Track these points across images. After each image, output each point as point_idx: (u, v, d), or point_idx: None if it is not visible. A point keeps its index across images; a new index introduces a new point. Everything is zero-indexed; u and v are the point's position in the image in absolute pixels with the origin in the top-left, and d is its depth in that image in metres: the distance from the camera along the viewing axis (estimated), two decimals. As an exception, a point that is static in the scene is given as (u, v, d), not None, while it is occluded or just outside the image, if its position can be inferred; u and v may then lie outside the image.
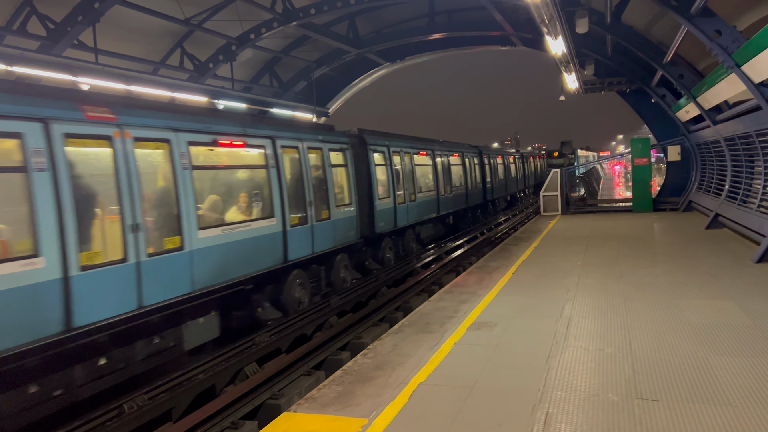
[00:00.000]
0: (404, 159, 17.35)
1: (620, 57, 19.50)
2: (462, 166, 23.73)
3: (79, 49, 15.37)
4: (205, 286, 8.55)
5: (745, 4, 10.92)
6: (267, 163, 10.28)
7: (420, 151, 18.98)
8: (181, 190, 8.25)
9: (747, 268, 10.27)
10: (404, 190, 17.18)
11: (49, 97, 6.76)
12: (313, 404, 5.43)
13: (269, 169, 10.31)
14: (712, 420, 4.61)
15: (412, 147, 18.38)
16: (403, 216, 17.03)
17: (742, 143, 13.51)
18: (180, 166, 8.29)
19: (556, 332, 7.08)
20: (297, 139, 11.48)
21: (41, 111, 6.42)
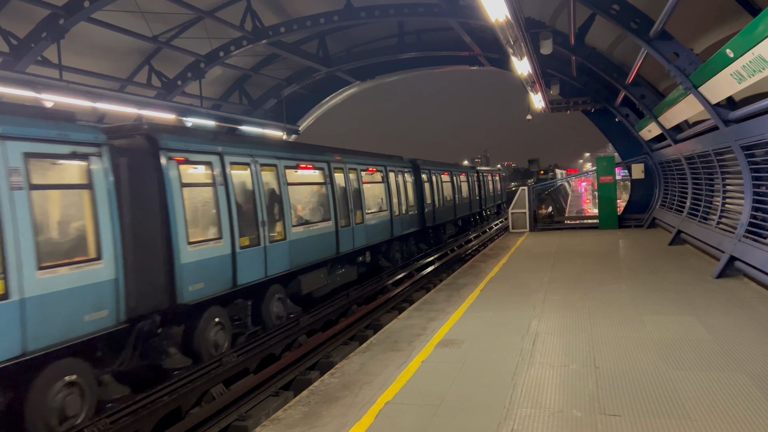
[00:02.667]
0: (259, 175, 11.51)
1: (585, 77, 19.98)
2: (385, 184, 18.58)
3: (43, 66, 15.15)
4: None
5: (701, 28, 11.30)
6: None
7: (300, 164, 13.36)
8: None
9: (707, 283, 10.52)
10: (262, 223, 11.35)
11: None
12: (278, 425, 5.37)
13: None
14: (672, 434, 4.70)
15: (276, 156, 12.36)
16: (252, 267, 10.93)
17: (701, 162, 13.91)
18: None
19: (522, 349, 7.14)
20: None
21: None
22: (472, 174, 33.37)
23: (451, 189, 27.24)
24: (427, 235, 23.68)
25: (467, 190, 31.22)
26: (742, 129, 9.72)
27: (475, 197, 33.43)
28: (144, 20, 16.06)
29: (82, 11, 14.05)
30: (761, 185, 10.31)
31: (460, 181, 29.36)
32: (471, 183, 32.12)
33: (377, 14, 17.40)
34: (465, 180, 30.99)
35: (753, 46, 7.09)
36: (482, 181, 35.38)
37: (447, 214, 26.05)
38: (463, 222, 30.98)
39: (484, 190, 35.47)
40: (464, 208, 30.13)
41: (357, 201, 16.08)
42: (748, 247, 10.16)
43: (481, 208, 35.22)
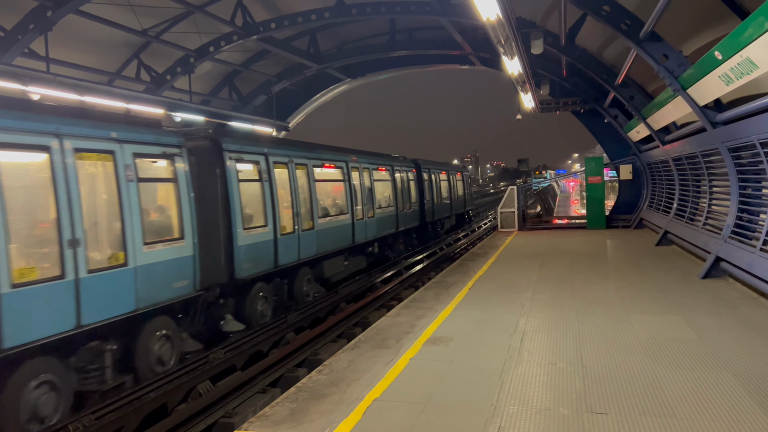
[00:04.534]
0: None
1: (574, 78, 20.06)
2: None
3: (30, 58, 14.97)
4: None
5: (690, 31, 11.38)
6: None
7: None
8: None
9: (693, 283, 10.61)
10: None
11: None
12: (265, 422, 5.34)
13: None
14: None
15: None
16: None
17: (689, 163, 14.02)
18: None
19: (510, 347, 7.16)
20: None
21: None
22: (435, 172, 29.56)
23: (447, 187, 28.61)
24: (427, 230, 25.14)
25: (461, 189, 32.31)
26: (729, 131, 9.81)
27: (467, 196, 34.07)
28: (133, 14, 15.91)
29: (70, 3, 13.91)
30: (747, 187, 10.41)
31: (455, 180, 30.57)
32: (453, 182, 30.55)
33: (369, 11, 17.37)
34: (460, 179, 32.10)
35: (741, 48, 7.15)
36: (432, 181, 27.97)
37: (444, 210, 27.65)
38: (457, 218, 31.85)
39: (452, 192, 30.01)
40: (459, 205, 31.39)
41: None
42: (733, 248, 10.25)
43: (466, 208, 33.98)
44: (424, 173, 24.39)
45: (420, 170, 24.12)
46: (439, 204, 26.62)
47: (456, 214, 30.87)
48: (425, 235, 24.94)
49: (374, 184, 18.61)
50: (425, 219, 23.96)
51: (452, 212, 29.54)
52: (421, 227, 24.17)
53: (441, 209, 26.91)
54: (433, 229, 26.24)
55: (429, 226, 25.32)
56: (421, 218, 23.61)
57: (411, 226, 22.30)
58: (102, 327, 7.88)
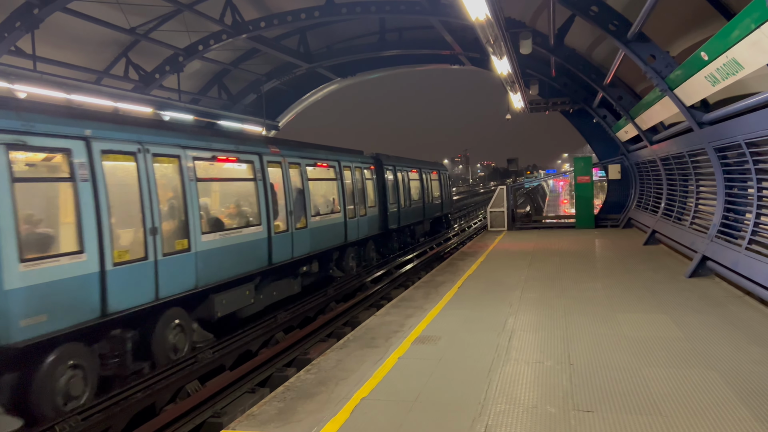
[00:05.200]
0: None
1: (563, 78, 20.16)
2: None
3: (17, 56, 14.84)
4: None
5: (677, 31, 11.47)
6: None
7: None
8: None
9: (680, 282, 10.70)
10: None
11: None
12: (252, 421, 5.33)
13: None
14: (643, 430, 4.77)
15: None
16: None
17: (676, 163, 14.13)
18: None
19: (498, 345, 7.19)
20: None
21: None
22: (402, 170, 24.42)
23: (419, 188, 24.92)
24: (390, 240, 21.27)
25: (438, 189, 28.58)
26: (715, 131, 9.90)
27: (445, 198, 29.82)
28: (121, 12, 15.80)
29: (57, 1, 13.80)
30: (733, 187, 10.51)
31: (429, 180, 26.91)
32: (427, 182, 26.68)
33: (358, 11, 17.37)
34: (436, 178, 28.35)
35: (727, 49, 7.22)
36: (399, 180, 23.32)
37: (414, 215, 23.73)
38: (433, 224, 28.45)
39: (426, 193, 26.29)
40: (434, 208, 27.53)
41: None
42: (719, 247, 10.35)
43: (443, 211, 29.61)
44: (387, 171, 20.61)
45: (382, 167, 20.25)
46: (408, 208, 22.82)
47: (431, 218, 27.37)
48: (389, 246, 21.12)
49: (309, 184, 14.31)
50: (388, 226, 20.17)
51: (426, 216, 25.79)
52: (383, 236, 20.44)
53: (411, 214, 23.13)
54: (399, 237, 22.44)
55: (394, 234, 21.56)
56: (383, 225, 19.84)
57: (368, 235, 18.35)
58: None
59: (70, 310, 7.40)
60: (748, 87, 9.15)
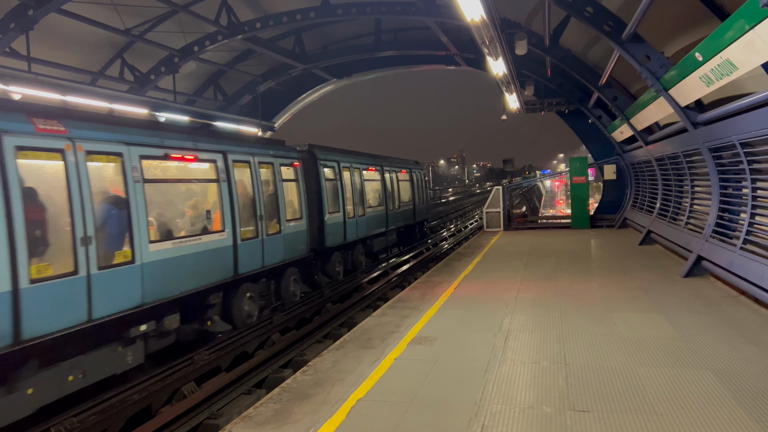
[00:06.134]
0: None
1: (559, 78, 20.21)
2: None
3: (11, 57, 14.79)
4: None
5: (672, 32, 11.51)
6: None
7: None
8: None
9: (675, 282, 10.74)
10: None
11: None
12: (249, 423, 5.33)
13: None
14: (638, 429, 4.78)
15: None
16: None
17: (671, 163, 14.18)
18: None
19: (494, 346, 7.20)
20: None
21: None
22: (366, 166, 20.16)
23: (381, 191, 20.64)
24: (330, 262, 16.26)
25: (409, 193, 24.18)
26: (710, 131, 9.94)
27: (419, 203, 25.27)
28: (116, 13, 15.79)
29: (52, 2, 13.77)
30: (728, 187, 10.55)
31: (396, 181, 22.41)
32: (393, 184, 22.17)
33: (354, 12, 17.37)
34: (406, 179, 24.02)
35: (721, 50, 7.24)
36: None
37: (372, 225, 19.40)
38: (403, 235, 23.82)
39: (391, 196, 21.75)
40: (404, 216, 23.02)
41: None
42: (714, 247, 10.39)
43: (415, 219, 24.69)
44: (325, 169, 16.13)
45: (317, 164, 15.74)
46: (361, 217, 18.22)
47: (399, 227, 22.50)
48: (327, 271, 16.29)
49: (138, 191, 8.79)
50: (325, 243, 15.67)
51: (390, 226, 20.84)
52: (321, 257, 15.87)
53: (366, 224, 18.61)
54: (346, 257, 17.53)
55: (335, 254, 16.54)
56: (317, 243, 15.34)
57: (287, 260, 13.03)
58: None
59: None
60: (742, 87, 9.19)
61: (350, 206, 17.59)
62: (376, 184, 20.45)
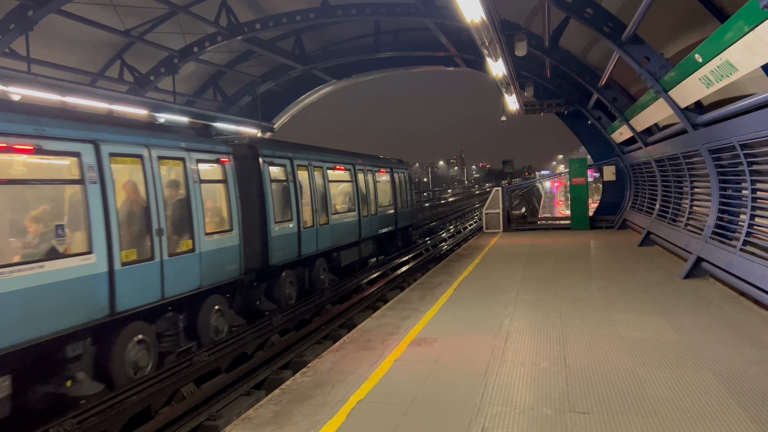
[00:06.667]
0: None
1: (558, 80, 20.22)
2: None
3: (11, 58, 14.78)
4: None
5: (672, 34, 11.52)
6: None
7: None
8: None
9: (675, 283, 10.73)
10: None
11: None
12: (248, 424, 5.32)
13: None
14: (639, 431, 4.78)
15: None
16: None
17: (671, 164, 14.18)
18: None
19: (494, 347, 7.19)
20: None
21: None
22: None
23: (352, 193, 17.81)
24: (278, 284, 13.13)
25: (389, 195, 21.54)
26: (709, 133, 9.94)
27: (401, 206, 22.61)
28: (116, 13, 15.78)
29: (51, 3, 13.76)
30: (727, 188, 10.55)
31: (373, 182, 19.67)
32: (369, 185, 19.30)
33: (354, 13, 17.37)
34: (386, 179, 21.44)
35: (721, 51, 7.25)
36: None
37: (340, 234, 16.41)
38: (385, 243, 21.09)
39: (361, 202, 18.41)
40: (382, 222, 20.16)
41: None
42: (714, 248, 10.39)
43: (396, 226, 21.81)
44: (271, 168, 13.04)
45: (258, 162, 12.67)
46: (324, 227, 15.27)
47: (379, 235, 19.95)
48: (273, 295, 13.04)
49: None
50: (269, 261, 12.61)
51: (363, 235, 18.18)
52: (261, 278, 12.67)
53: (330, 235, 15.65)
54: (299, 277, 14.26)
55: (281, 274, 13.23)
56: (261, 260, 12.46)
57: (210, 285, 10.37)
58: None
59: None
60: (742, 89, 9.19)
61: (308, 213, 14.49)
62: (346, 186, 17.65)
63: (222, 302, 10.95)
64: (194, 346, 10.01)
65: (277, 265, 13.00)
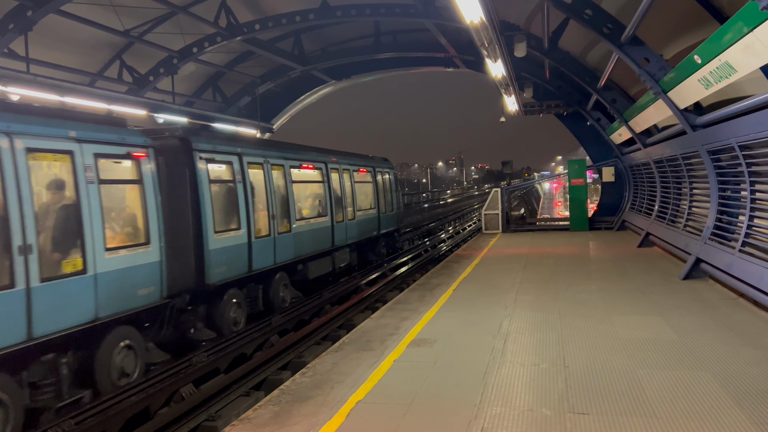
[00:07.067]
0: None
1: (558, 81, 20.23)
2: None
3: (10, 58, 14.77)
4: None
5: (671, 35, 11.53)
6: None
7: None
8: None
9: (674, 284, 10.74)
10: None
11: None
12: (248, 425, 5.32)
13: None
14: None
15: None
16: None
17: (669, 165, 14.19)
18: None
19: (493, 348, 7.19)
20: None
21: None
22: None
23: (325, 196, 15.79)
24: (215, 307, 10.96)
25: (370, 197, 19.53)
26: (708, 134, 9.95)
27: (384, 209, 20.43)
28: (115, 14, 15.77)
29: (51, 3, 13.75)
30: (726, 189, 10.56)
31: (349, 182, 17.65)
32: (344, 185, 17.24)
33: (353, 13, 17.38)
34: (366, 179, 19.38)
35: (720, 52, 7.26)
36: None
37: (308, 244, 14.28)
38: (366, 250, 19.15)
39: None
40: (358, 228, 17.91)
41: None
42: (713, 249, 10.39)
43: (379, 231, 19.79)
44: (210, 166, 10.99)
45: (192, 158, 10.63)
46: (284, 235, 13.17)
47: (359, 242, 18.06)
48: (213, 320, 11.07)
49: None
50: (206, 280, 10.52)
51: (338, 243, 16.15)
52: (197, 300, 10.73)
53: (293, 244, 13.54)
54: (249, 296, 12.25)
55: (223, 294, 11.13)
56: (197, 277, 10.46)
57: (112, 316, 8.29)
58: None
59: None
60: (741, 90, 9.20)
61: (263, 220, 12.44)
62: (316, 187, 15.53)
63: (133, 336, 8.76)
64: (87, 395, 7.82)
65: (218, 283, 10.75)
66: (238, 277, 11.47)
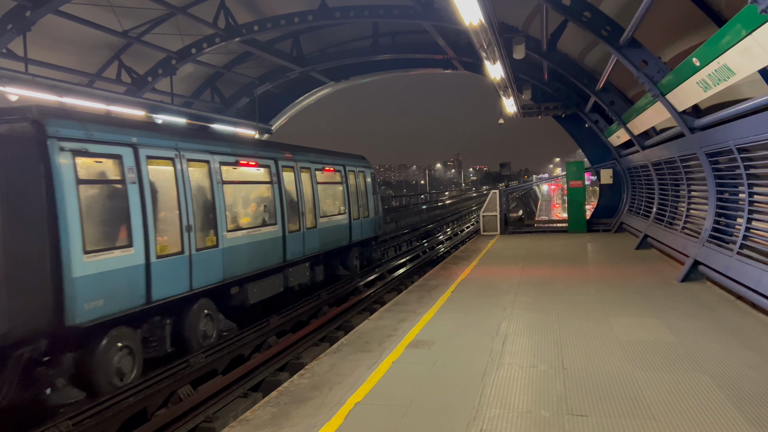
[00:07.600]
0: None
1: (556, 83, 20.26)
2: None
3: (8, 59, 14.75)
4: None
5: (669, 37, 11.56)
6: None
7: None
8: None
9: (672, 287, 10.75)
10: None
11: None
12: (246, 426, 5.31)
13: None
14: (637, 434, 4.78)
15: None
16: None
17: (668, 168, 14.21)
18: None
19: (492, 350, 7.19)
20: None
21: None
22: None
23: (275, 200, 13.14)
24: (90, 355, 8.06)
25: (340, 201, 17.13)
26: (706, 136, 9.96)
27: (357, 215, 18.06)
28: (114, 14, 15.75)
29: (49, 3, 13.73)
30: (724, 192, 10.58)
31: (314, 184, 15.27)
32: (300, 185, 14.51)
33: (352, 15, 17.38)
34: (335, 180, 17.07)
35: (718, 55, 7.27)
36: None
37: (242, 260, 11.54)
38: (337, 260, 17.11)
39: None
40: (323, 238, 15.43)
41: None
42: (711, 251, 10.41)
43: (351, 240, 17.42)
44: (77, 161, 7.94)
45: (42, 150, 7.57)
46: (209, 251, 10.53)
47: (324, 254, 15.69)
48: (86, 373, 8.04)
49: None
50: (64, 320, 7.54)
51: (292, 256, 13.59)
52: (59, 347, 7.72)
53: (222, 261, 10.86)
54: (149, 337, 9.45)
55: (103, 336, 8.18)
56: (54, 319, 7.53)
57: None
58: None
59: None
60: (739, 93, 9.22)
61: (173, 232, 9.78)
62: (261, 189, 12.95)
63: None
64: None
65: (88, 324, 7.84)
66: (128, 311, 8.53)
